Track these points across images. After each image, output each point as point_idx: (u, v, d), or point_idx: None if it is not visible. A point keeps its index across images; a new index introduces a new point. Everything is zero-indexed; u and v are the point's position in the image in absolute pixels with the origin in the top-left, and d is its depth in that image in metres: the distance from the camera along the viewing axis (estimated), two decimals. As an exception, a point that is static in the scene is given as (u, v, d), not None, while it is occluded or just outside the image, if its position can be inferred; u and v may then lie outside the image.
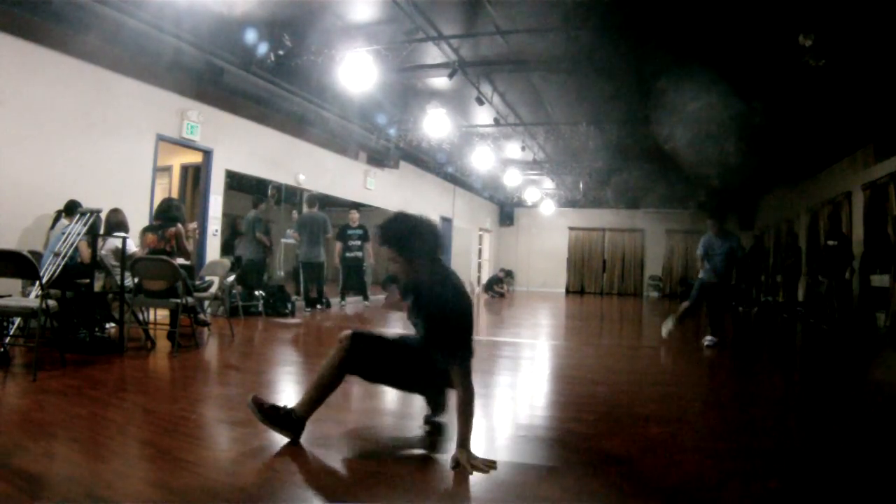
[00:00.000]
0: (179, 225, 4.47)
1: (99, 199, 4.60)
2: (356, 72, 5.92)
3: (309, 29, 5.83)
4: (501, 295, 14.03)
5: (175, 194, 7.36)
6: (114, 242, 4.48)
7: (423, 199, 12.49)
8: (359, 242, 8.74)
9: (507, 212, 18.00)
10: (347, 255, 8.71)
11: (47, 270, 3.75)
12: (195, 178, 7.27)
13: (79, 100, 5.25)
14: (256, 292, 7.11)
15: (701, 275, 6.08)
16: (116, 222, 4.50)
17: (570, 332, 7.62)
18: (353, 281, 8.98)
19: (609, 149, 10.04)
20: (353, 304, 9.03)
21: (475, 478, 2.05)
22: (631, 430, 2.70)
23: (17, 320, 3.81)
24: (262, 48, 6.07)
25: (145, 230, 4.51)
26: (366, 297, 9.04)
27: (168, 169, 7.46)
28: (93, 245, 4.12)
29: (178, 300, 4.21)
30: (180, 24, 5.38)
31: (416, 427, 2.61)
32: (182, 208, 4.71)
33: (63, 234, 4.06)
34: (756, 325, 9.19)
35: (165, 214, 4.47)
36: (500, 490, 1.97)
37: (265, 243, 7.40)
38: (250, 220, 7.33)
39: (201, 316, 5.16)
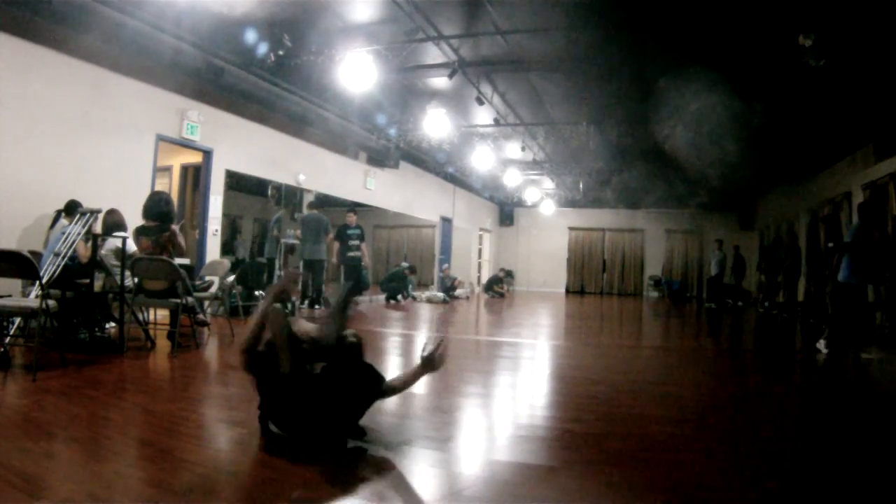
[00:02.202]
0: (174, 227, 4.43)
1: (99, 199, 4.60)
2: (356, 72, 5.91)
3: (309, 29, 5.83)
4: (501, 295, 14.03)
5: (175, 194, 7.36)
6: (114, 242, 4.48)
7: (423, 199, 12.49)
8: (357, 242, 8.88)
9: (507, 212, 18.01)
10: (348, 254, 8.81)
11: (47, 270, 3.75)
12: (195, 178, 7.28)
13: (79, 100, 5.25)
14: (256, 292, 7.13)
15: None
16: (113, 223, 4.49)
17: (570, 332, 7.62)
18: (356, 282, 9.08)
19: (609, 149, 10.05)
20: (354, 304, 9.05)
21: (475, 478, 2.06)
22: (631, 430, 2.70)
23: (17, 320, 3.81)
24: (262, 48, 6.07)
25: (139, 233, 4.43)
26: (360, 295, 9.21)
27: (168, 169, 7.46)
28: (93, 245, 4.11)
29: (178, 300, 4.21)
30: (180, 24, 5.38)
31: (416, 427, 2.61)
32: (172, 203, 4.58)
33: (63, 233, 4.07)
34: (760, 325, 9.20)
35: (158, 215, 4.39)
36: (500, 490, 1.97)
37: (278, 238, 8.15)
38: (274, 220, 8.15)
39: (200, 316, 5.16)
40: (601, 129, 8.93)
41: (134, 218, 4.64)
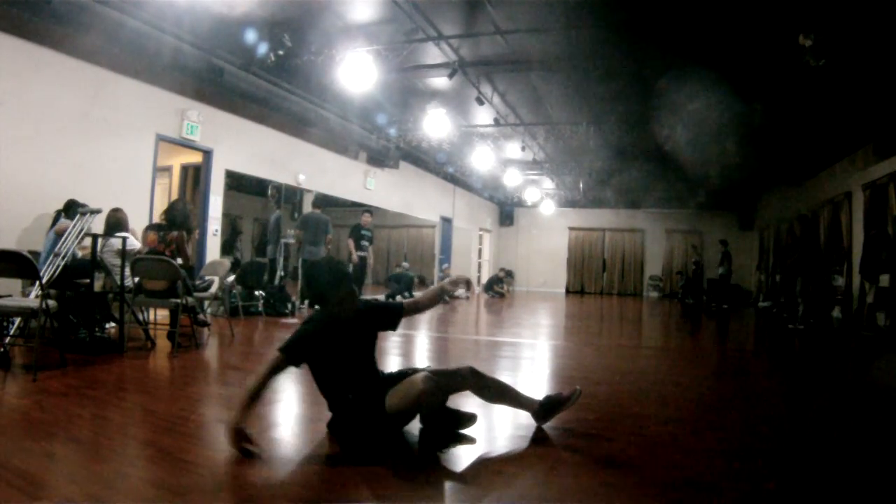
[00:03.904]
0: (183, 231, 4.47)
1: (99, 199, 4.61)
2: (356, 72, 5.92)
3: (309, 29, 5.83)
4: (501, 295, 14.03)
5: (175, 194, 7.37)
6: (116, 242, 4.48)
7: (423, 199, 12.49)
8: (367, 244, 9.02)
9: (507, 212, 18.00)
10: (358, 253, 8.92)
11: (47, 270, 3.75)
12: (195, 178, 7.28)
13: (79, 100, 5.25)
14: (256, 292, 7.13)
15: None
16: (115, 221, 4.49)
17: (570, 333, 7.62)
18: (358, 280, 9.15)
19: (609, 149, 10.04)
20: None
21: (476, 478, 2.06)
22: (631, 430, 2.70)
23: (17, 320, 3.81)
24: (262, 48, 6.07)
25: (148, 228, 4.51)
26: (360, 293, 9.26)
27: (168, 169, 7.47)
28: (92, 244, 4.11)
29: (178, 300, 4.21)
30: (180, 24, 5.38)
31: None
32: (187, 213, 4.65)
33: (61, 234, 4.07)
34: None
35: (172, 220, 4.46)
36: (500, 490, 1.97)
37: (278, 237, 8.24)
38: (274, 220, 8.16)
39: (201, 316, 5.16)
40: (601, 129, 8.93)
41: (133, 218, 4.66)
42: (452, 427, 2.48)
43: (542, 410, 2.62)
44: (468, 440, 2.41)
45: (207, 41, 5.74)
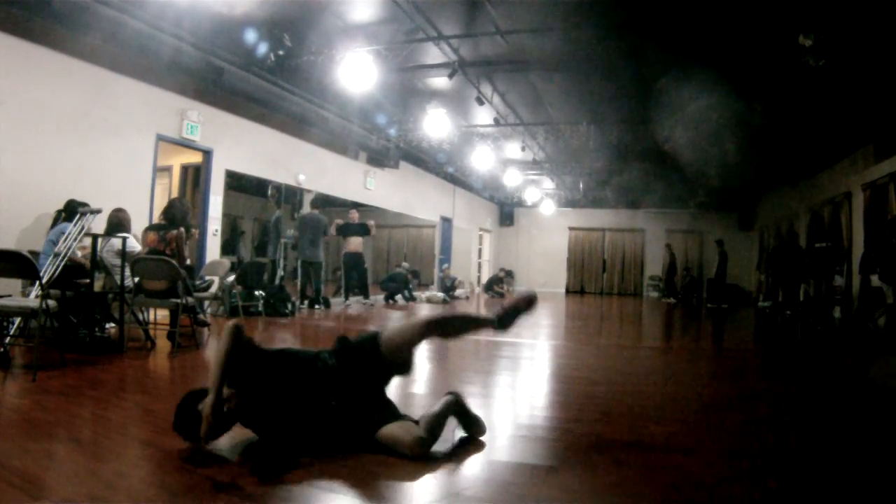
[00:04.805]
0: (182, 229, 4.47)
1: (99, 199, 4.61)
2: (356, 72, 5.92)
3: (309, 29, 5.84)
4: (501, 295, 14.04)
5: (175, 194, 7.38)
6: (117, 242, 4.48)
7: (423, 199, 12.49)
8: (360, 240, 8.98)
9: (507, 212, 18.00)
10: (352, 250, 8.92)
11: (47, 270, 3.75)
12: (195, 178, 7.28)
13: (79, 100, 5.25)
14: (256, 292, 7.13)
15: None
16: (117, 222, 4.49)
17: (570, 333, 7.62)
18: (355, 279, 9.12)
19: (609, 149, 10.05)
20: (355, 303, 9.06)
21: (475, 478, 2.05)
22: (631, 430, 2.70)
23: (17, 320, 3.81)
24: (262, 48, 6.08)
25: (148, 229, 4.51)
26: (366, 296, 9.18)
27: (168, 169, 7.47)
28: (92, 245, 4.11)
29: (178, 300, 4.21)
30: (180, 24, 5.38)
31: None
32: (185, 211, 4.66)
33: (61, 233, 4.07)
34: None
35: (168, 217, 4.47)
36: (501, 490, 1.97)
37: (278, 237, 8.33)
38: (274, 220, 8.21)
39: (201, 316, 5.16)
40: (601, 129, 8.93)
41: (134, 218, 4.66)
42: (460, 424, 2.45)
43: (500, 323, 2.62)
44: (476, 445, 2.35)
45: (207, 41, 5.74)
